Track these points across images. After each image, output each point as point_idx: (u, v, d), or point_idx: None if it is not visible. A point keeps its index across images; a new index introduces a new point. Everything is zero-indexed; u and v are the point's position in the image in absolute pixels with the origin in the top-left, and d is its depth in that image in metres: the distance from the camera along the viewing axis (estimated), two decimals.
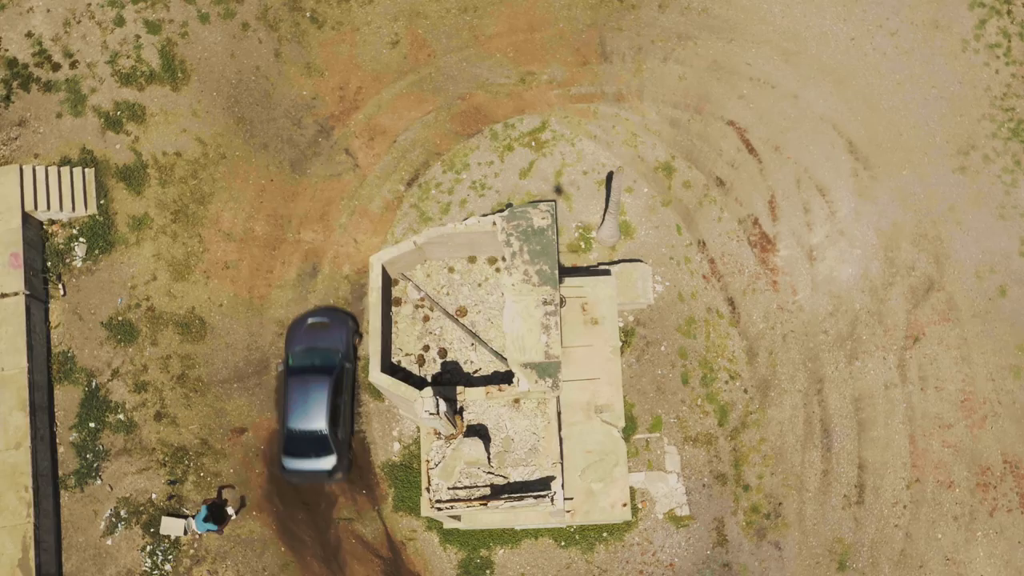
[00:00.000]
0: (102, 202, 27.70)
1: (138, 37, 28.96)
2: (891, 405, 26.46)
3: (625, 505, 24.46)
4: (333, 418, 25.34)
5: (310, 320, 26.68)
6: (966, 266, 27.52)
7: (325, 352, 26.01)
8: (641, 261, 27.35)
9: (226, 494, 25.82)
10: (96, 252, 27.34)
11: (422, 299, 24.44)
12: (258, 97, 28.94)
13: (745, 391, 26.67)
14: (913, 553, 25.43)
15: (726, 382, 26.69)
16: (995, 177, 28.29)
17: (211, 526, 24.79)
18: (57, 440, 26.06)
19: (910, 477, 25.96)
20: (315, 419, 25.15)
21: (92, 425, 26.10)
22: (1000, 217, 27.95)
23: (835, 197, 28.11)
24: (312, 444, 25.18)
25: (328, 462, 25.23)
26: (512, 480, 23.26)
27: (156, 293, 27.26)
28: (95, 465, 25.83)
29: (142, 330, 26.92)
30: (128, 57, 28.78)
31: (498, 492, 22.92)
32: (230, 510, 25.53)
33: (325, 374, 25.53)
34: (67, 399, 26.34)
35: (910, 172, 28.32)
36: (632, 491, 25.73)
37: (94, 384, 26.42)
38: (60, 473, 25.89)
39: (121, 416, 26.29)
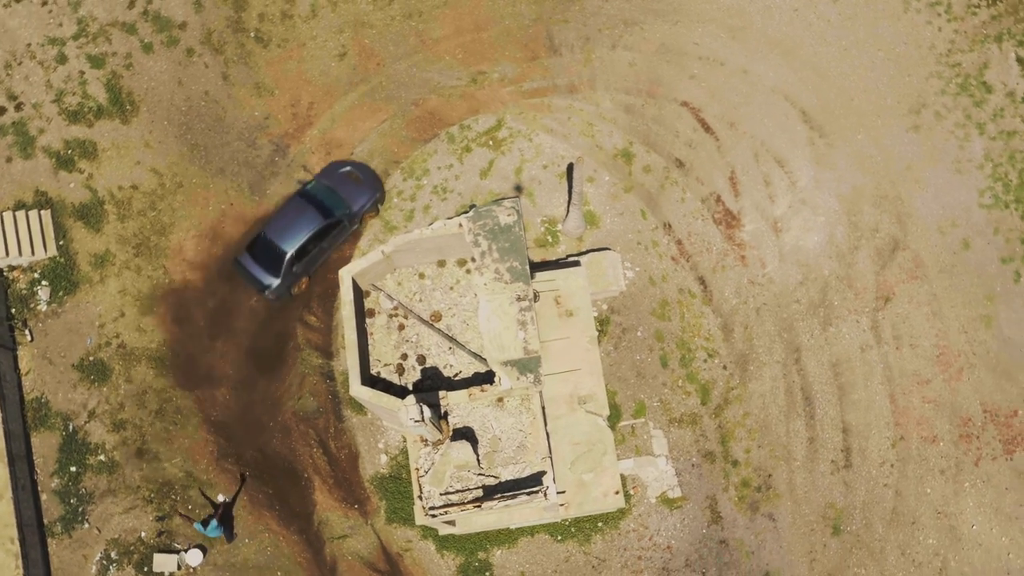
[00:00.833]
0: (61, 243, 27.30)
1: (82, 73, 28.58)
2: (869, 367, 26.74)
3: (617, 493, 24.51)
4: (301, 252, 26.58)
5: (348, 168, 27.86)
6: (928, 223, 27.87)
7: (338, 199, 27.20)
8: (609, 249, 27.42)
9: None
10: (60, 294, 26.93)
11: (395, 308, 24.33)
12: (210, 122, 28.67)
13: (724, 368, 26.82)
14: (904, 510, 25.70)
15: (705, 361, 26.83)
16: (948, 133, 28.68)
17: (216, 532, 24.61)
18: (39, 488, 25.62)
19: (894, 436, 26.24)
20: (288, 240, 26.52)
21: (73, 469, 25.69)
22: (957, 171, 28.34)
23: (794, 167, 28.36)
24: (271, 257, 26.54)
25: (272, 281, 26.56)
26: (503, 479, 23.19)
27: (125, 329, 26.90)
28: (80, 509, 25.43)
29: (115, 368, 26.55)
30: (74, 94, 28.40)
31: (490, 493, 22.85)
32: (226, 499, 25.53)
33: (324, 214, 26.82)
34: (45, 445, 25.91)
35: (865, 135, 28.64)
36: (623, 478, 25.78)
37: (71, 428, 26.01)
38: (45, 521, 25.44)
39: (102, 457, 25.90)
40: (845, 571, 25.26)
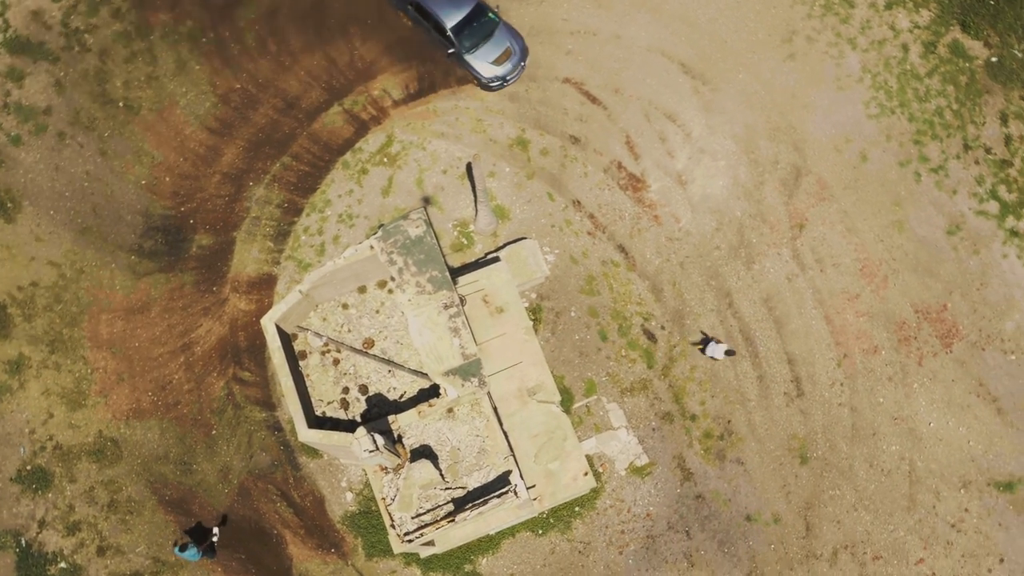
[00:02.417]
0: None
1: None
2: (799, 295, 27.18)
3: (586, 474, 24.50)
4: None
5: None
6: (824, 144, 28.42)
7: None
8: (525, 238, 27.39)
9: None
10: None
11: (326, 344, 23.94)
12: (98, 201, 27.85)
13: (662, 327, 27.00)
14: (863, 424, 26.19)
15: (642, 325, 26.97)
16: (822, 54, 29.28)
17: (193, 555, 24.11)
18: None
19: (838, 355, 26.71)
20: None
21: None
22: (839, 89, 28.95)
23: (685, 119, 28.66)
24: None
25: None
26: (471, 488, 23.04)
27: (58, 430, 26.02)
28: None
29: (55, 471, 25.65)
30: None
31: (462, 504, 22.67)
32: (215, 530, 25.08)
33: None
34: (1, 567, 24.92)
35: (745, 74, 29.07)
36: (589, 459, 25.78)
37: (23, 543, 25.06)
38: None
39: (63, 564, 25.02)
40: (821, 496, 25.66)
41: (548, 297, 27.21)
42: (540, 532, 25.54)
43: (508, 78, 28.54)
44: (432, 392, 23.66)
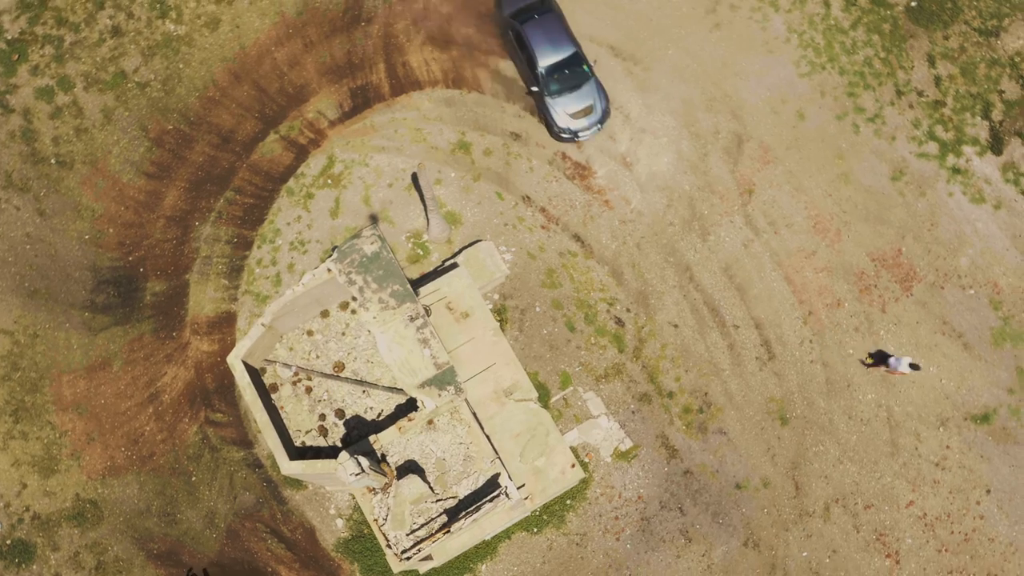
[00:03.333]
0: None
1: None
2: (756, 260, 27.41)
3: (573, 466, 24.49)
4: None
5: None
6: (761, 108, 28.70)
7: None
8: (480, 240, 27.30)
9: None
10: None
11: (296, 374, 23.65)
12: (43, 263, 27.24)
13: (628, 310, 27.07)
14: (836, 378, 26.49)
15: (607, 311, 27.02)
16: (747, 20, 29.57)
17: None
18: None
19: (803, 313, 26.99)
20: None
21: None
22: (768, 52, 29.25)
23: (622, 101, 28.76)
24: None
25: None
26: (462, 496, 22.91)
27: (33, 499, 25.40)
28: None
29: (37, 542, 25.05)
30: None
31: (454, 514, 22.54)
32: None
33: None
34: None
35: (674, 49, 29.26)
36: (574, 450, 25.78)
37: None
38: None
39: None
40: (805, 454, 25.90)
41: (511, 296, 27.16)
42: (535, 530, 25.49)
43: (580, 135, 27.74)
44: (409, 407, 23.49)
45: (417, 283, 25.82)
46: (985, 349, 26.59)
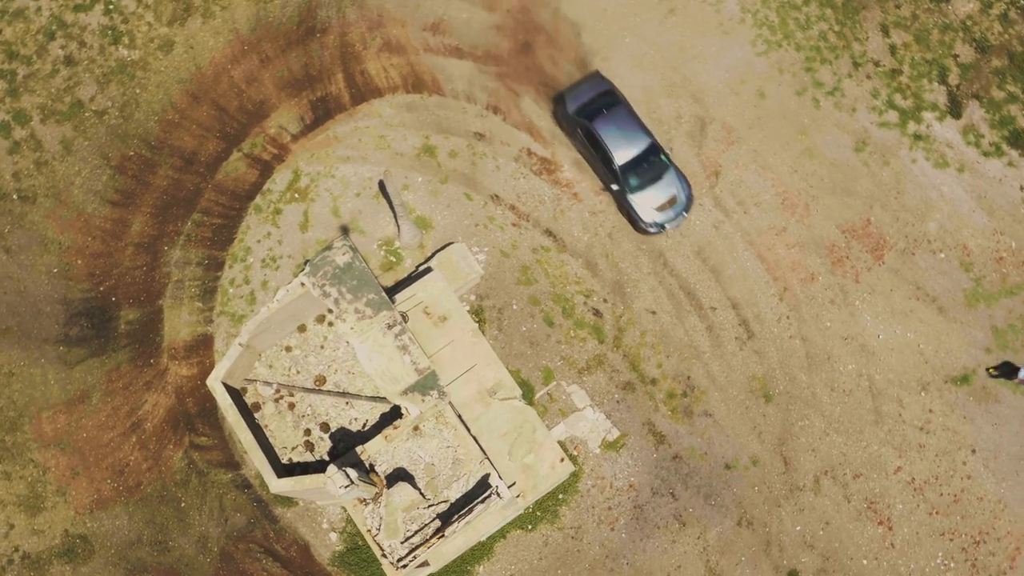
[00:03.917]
0: None
1: None
2: (728, 240, 27.53)
3: (562, 460, 24.51)
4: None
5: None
6: (721, 90, 28.82)
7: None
8: (452, 242, 27.26)
9: None
10: None
11: (277, 391, 23.55)
12: (12, 300, 26.92)
13: (605, 301, 27.13)
14: (816, 352, 26.67)
15: (585, 303, 27.07)
16: (701, 4, 29.69)
17: None
18: None
19: (778, 290, 27.14)
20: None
21: None
22: (724, 34, 29.38)
23: None
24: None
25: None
26: (454, 500, 22.91)
27: (22, 539, 25.13)
28: None
29: None
30: None
31: (448, 518, 22.52)
32: None
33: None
34: None
35: (631, 37, 29.33)
36: (562, 444, 25.80)
37: None
38: None
39: None
40: (791, 429, 26.07)
41: (487, 296, 27.14)
42: (530, 527, 25.49)
43: (667, 226, 26.93)
44: (394, 415, 23.46)
45: (392, 290, 25.76)
46: (959, 311, 26.85)
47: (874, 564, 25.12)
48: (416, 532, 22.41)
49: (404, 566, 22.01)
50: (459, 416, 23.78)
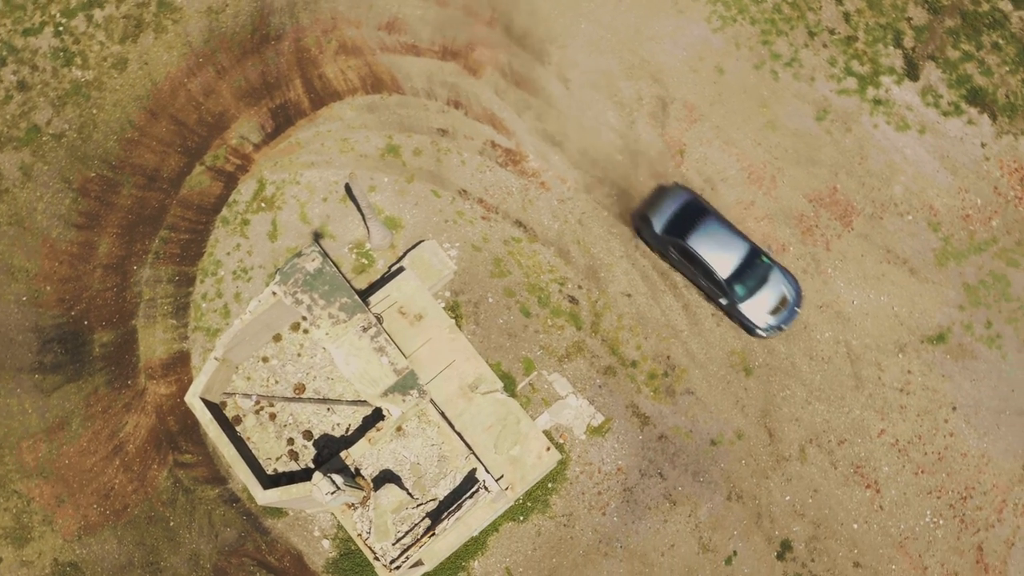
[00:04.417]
0: None
1: None
2: None
3: (549, 449, 24.53)
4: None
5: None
6: (680, 69, 28.86)
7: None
8: (423, 240, 27.17)
9: None
10: None
11: (257, 403, 23.43)
12: None
13: (580, 287, 27.14)
14: (792, 322, 26.79)
15: (560, 291, 27.07)
16: None
17: None
18: None
19: None
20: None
21: None
22: (679, 12, 29.42)
23: (542, 83, 28.75)
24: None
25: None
26: (442, 497, 22.88)
27: (11, 572, 24.92)
28: None
29: None
30: None
31: (437, 516, 22.49)
32: None
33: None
34: None
35: (586, 23, 29.30)
36: (547, 433, 25.82)
37: None
38: None
39: None
40: (774, 400, 26.20)
41: (462, 291, 27.09)
42: (521, 519, 25.50)
43: (784, 327, 26.07)
44: (376, 417, 23.40)
45: (366, 293, 25.66)
46: (931, 271, 27.06)
47: (864, 527, 25.32)
48: (407, 532, 22.38)
49: (398, 567, 21.97)
50: (442, 413, 23.75)
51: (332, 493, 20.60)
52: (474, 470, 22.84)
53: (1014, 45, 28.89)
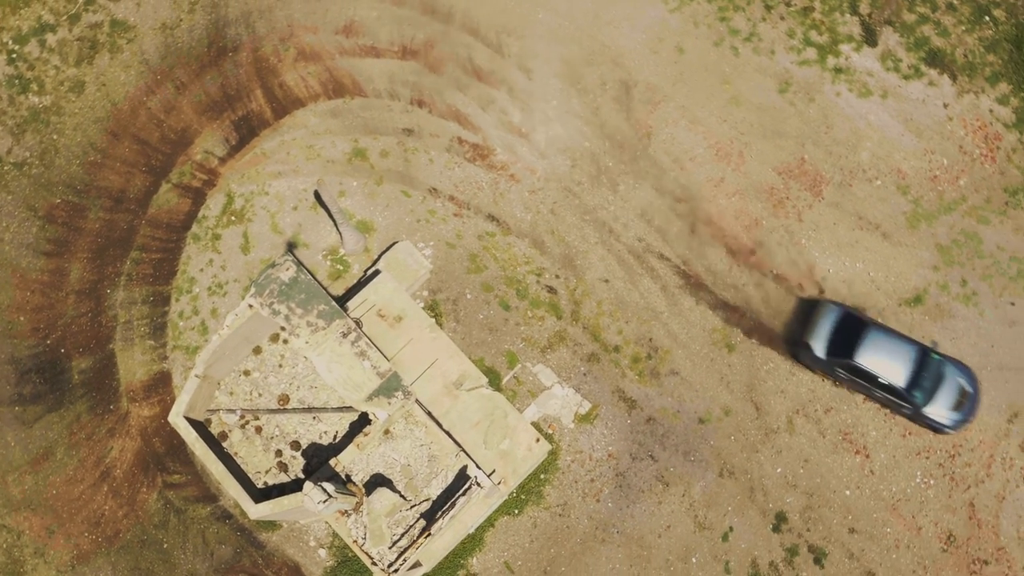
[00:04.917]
0: None
1: None
2: (670, 199, 27.62)
3: (538, 440, 24.51)
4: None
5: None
6: (640, 52, 28.86)
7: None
8: (397, 242, 27.08)
9: None
10: None
11: (242, 417, 23.26)
12: None
13: (557, 276, 27.13)
14: (771, 296, 26.88)
15: (537, 282, 27.04)
16: None
17: None
18: None
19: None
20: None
21: None
22: None
23: (504, 75, 28.68)
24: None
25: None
26: (435, 497, 22.80)
27: None
28: None
29: None
30: None
31: (432, 516, 22.43)
32: None
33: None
34: None
35: (544, 12, 29.24)
36: (535, 425, 25.82)
37: None
38: None
39: None
40: (758, 374, 26.30)
41: (440, 289, 27.01)
42: (516, 512, 25.49)
43: (969, 419, 25.23)
44: (363, 422, 23.28)
45: (344, 298, 25.53)
46: (903, 234, 27.22)
47: (857, 493, 25.48)
48: (403, 535, 22.30)
49: (396, 570, 21.90)
50: (428, 413, 23.67)
51: (324, 502, 20.49)
52: (465, 467, 22.78)
53: (968, 4, 29.06)
